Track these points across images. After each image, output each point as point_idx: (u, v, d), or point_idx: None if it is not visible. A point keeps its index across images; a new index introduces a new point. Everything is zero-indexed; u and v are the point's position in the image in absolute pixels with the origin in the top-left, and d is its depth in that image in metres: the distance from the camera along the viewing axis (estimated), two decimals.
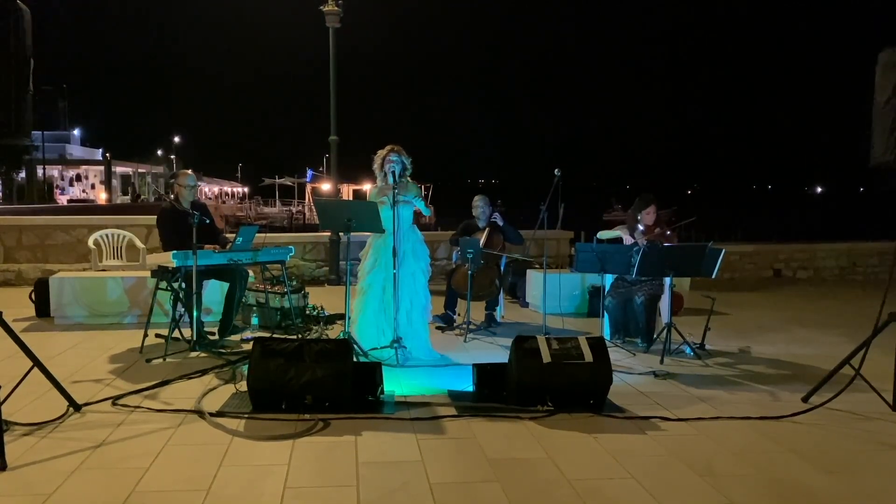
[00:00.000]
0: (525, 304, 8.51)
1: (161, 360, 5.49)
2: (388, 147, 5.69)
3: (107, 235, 8.91)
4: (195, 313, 5.74)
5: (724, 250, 6.03)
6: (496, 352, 5.87)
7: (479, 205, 7.27)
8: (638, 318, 6.13)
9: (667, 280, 5.97)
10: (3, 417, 3.58)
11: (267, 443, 3.82)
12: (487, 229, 7.15)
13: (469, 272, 6.68)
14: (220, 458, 3.58)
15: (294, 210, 50.31)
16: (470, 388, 4.78)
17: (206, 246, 5.83)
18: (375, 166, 5.74)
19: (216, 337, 6.11)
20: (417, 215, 6.02)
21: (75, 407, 4.25)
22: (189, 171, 6.21)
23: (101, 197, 46.46)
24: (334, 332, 6.56)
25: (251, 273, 7.40)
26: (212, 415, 4.20)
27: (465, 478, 3.43)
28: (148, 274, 6.66)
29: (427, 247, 5.88)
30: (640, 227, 6.39)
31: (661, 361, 5.59)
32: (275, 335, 5.98)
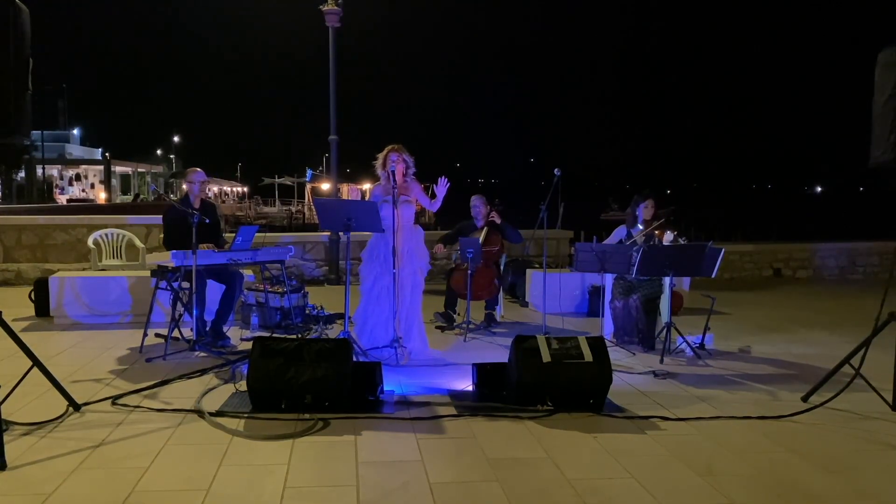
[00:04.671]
0: (525, 304, 8.51)
1: (161, 359, 5.49)
2: (388, 147, 5.70)
3: (106, 235, 8.91)
4: (196, 312, 5.74)
5: (723, 250, 6.03)
6: (496, 351, 5.87)
7: (475, 204, 7.27)
8: (637, 321, 6.13)
9: (666, 280, 5.96)
10: (3, 417, 3.58)
11: (267, 442, 3.82)
12: (486, 228, 7.14)
13: (468, 272, 6.68)
14: (219, 458, 3.58)
15: (294, 210, 50.29)
16: (470, 387, 4.78)
17: (202, 246, 5.82)
18: (378, 166, 5.74)
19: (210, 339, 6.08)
20: (418, 214, 6.02)
21: (75, 406, 4.25)
22: (198, 169, 6.20)
23: (101, 196, 46.44)
24: (334, 331, 6.57)
25: (251, 272, 7.41)
26: (211, 414, 4.20)
27: (465, 478, 3.42)
28: (148, 273, 6.66)
29: (426, 246, 5.89)
30: (640, 227, 6.39)
31: (661, 361, 5.59)
32: (275, 335, 5.98)
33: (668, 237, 6.14)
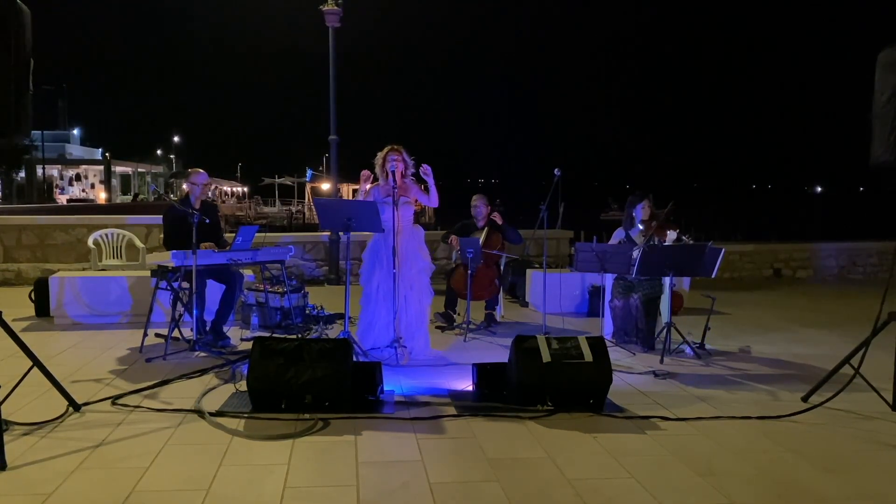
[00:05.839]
0: (525, 304, 8.51)
1: (161, 359, 5.49)
2: (388, 147, 5.69)
3: (106, 235, 8.91)
4: (196, 312, 5.74)
5: (723, 249, 6.03)
6: (496, 351, 5.87)
7: (476, 204, 7.28)
8: (638, 321, 6.13)
9: (666, 280, 5.96)
10: (3, 417, 3.58)
11: (267, 442, 3.82)
12: (486, 229, 7.15)
13: (469, 272, 6.68)
14: (219, 458, 3.58)
15: (294, 210, 50.31)
16: (470, 387, 4.79)
17: (204, 244, 5.82)
18: (377, 166, 5.74)
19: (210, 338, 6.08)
20: (418, 214, 6.02)
21: (75, 406, 4.25)
22: (200, 170, 6.20)
23: (101, 196, 46.45)
24: (334, 331, 6.57)
25: (251, 272, 7.41)
26: (211, 414, 4.20)
27: (465, 478, 3.42)
28: (148, 273, 6.66)
29: (427, 246, 5.89)
30: (639, 226, 6.39)
31: (661, 361, 5.59)
32: (275, 335, 5.98)
33: (671, 236, 6.14)
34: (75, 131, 57.39)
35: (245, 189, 66.59)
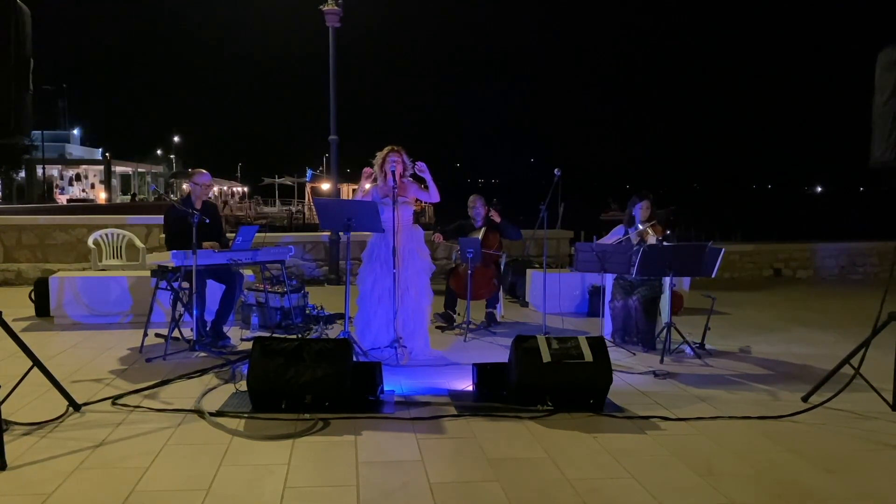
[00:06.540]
0: (525, 304, 8.51)
1: (161, 359, 5.49)
2: (387, 148, 5.69)
3: (106, 235, 8.91)
4: (196, 312, 5.74)
5: (723, 249, 6.03)
6: (496, 351, 5.87)
7: (474, 204, 7.26)
8: (637, 321, 6.13)
9: (666, 280, 5.96)
10: (3, 417, 3.58)
11: (267, 442, 3.82)
12: (484, 228, 7.14)
13: (468, 271, 6.68)
14: (219, 458, 3.58)
15: (294, 210, 50.32)
16: (470, 387, 4.79)
17: (205, 244, 5.82)
18: (376, 166, 5.74)
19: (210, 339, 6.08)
20: (417, 215, 6.01)
21: (75, 406, 4.25)
22: (204, 171, 6.19)
23: (101, 196, 46.46)
24: (334, 331, 6.57)
25: (251, 272, 7.41)
26: (212, 414, 4.20)
27: (465, 478, 3.42)
28: (148, 273, 6.66)
29: (427, 246, 5.89)
30: (639, 225, 6.38)
31: (661, 361, 5.60)
32: (275, 335, 5.98)
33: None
34: (75, 131, 57.46)
35: (245, 189, 66.59)
